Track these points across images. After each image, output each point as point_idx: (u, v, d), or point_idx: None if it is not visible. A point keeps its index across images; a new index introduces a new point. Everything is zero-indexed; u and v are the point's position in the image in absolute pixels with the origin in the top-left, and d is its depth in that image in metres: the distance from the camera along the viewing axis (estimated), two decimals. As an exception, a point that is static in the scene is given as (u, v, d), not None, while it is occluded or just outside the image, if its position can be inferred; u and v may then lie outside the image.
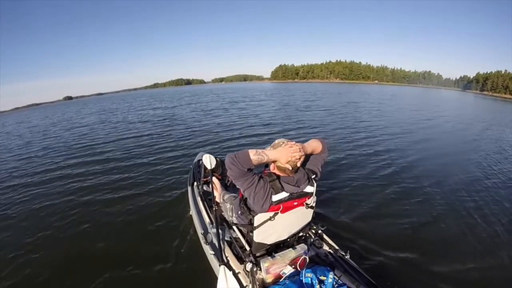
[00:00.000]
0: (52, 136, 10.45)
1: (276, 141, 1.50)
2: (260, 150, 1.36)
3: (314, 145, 1.50)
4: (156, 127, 9.90)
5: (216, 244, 1.78)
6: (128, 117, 14.22)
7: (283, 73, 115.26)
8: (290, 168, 1.44)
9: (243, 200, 1.58)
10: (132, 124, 11.42)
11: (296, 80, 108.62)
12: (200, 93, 37.53)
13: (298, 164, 1.46)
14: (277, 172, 1.48)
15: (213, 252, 1.80)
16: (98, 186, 4.44)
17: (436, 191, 3.98)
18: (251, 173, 1.38)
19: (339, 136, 7.64)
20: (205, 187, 2.65)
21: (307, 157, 1.58)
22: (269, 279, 1.53)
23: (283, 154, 1.38)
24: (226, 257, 1.73)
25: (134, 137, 8.29)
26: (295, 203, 1.50)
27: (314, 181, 1.54)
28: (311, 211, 1.66)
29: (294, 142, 1.43)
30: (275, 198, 1.42)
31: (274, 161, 1.44)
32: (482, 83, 74.40)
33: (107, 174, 5.05)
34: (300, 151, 1.40)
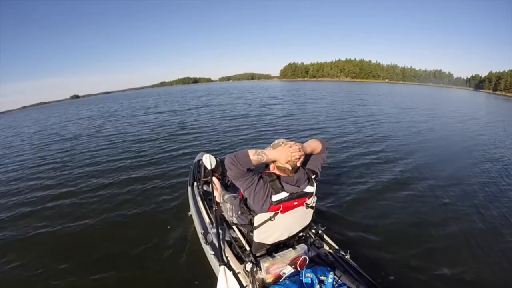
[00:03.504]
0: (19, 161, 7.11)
1: (276, 141, 1.49)
2: (259, 150, 1.36)
3: (314, 145, 1.49)
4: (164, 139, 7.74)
5: (216, 244, 1.78)
6: (130, 128, 10.37)
7: (293, 72, 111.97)
8: (290, 168, 1.43)
9: (243, 200, 1.58)
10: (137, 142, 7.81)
11: (306, 78, 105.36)
12: (213, 92, 33.09)
13: (298, 164, 1.45)
14: (277, 172, 1.48)
15: (213, 252, 1.80)
16: (98, 186, 4.47)
17: (440, 193, 3.91)
18: (251, 173, 1.38)
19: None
20: (205, 187, 2.65)
21: (307, 157, 1.57)
22: (269, 279, 1.53)
23: (282, 154, 1.38)
24: (226, 257, 1.73)
25: (134, 152, 6.73)
26: (295, 203, 1.50)
27: (314, 181, 1.53)
28: (311, 211, 1.65)
29: (293, 142, 1.42)
30: (275, 198, 1.42)
31: (273, 161, 1.44)
32: (495, 83, 72.11)
33: (106, 174, 5.08)
34: (299, 151, 1.39)
